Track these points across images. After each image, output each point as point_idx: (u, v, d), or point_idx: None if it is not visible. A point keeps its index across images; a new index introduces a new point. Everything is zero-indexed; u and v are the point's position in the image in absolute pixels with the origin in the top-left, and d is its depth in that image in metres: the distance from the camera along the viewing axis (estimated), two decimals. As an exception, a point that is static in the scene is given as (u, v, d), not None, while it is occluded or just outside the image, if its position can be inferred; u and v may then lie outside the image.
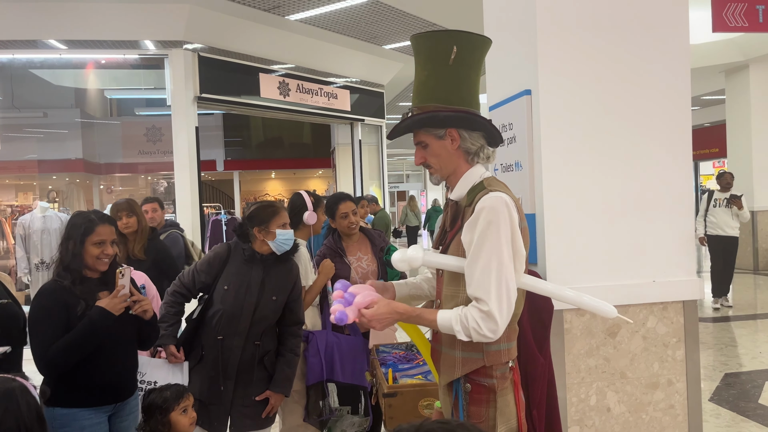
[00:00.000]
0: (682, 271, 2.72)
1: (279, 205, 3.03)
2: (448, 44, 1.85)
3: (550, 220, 2.63)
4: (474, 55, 1.90)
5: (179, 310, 2.96)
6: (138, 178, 15.61)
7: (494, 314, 1.72)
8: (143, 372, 2.82)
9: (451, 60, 1.85)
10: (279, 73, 9.32)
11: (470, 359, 1.84)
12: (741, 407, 4.52)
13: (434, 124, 1.87)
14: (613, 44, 2.67)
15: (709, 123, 16.58)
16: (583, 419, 2.65)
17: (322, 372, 3.17)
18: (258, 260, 2.90)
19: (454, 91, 1.87)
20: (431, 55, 1.89)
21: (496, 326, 1.73)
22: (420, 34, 1.92)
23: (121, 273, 2.41)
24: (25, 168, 14.08)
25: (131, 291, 2.45)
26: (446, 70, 1.87)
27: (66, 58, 8.15)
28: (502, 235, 1.75)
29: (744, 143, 11.41)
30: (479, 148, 1.89)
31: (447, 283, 1.93)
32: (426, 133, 1.90)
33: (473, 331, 1.74)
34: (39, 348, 2.36)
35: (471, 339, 1.76)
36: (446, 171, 1.93)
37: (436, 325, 1.82)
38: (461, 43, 1.86)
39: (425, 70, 1.91)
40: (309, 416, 3.22)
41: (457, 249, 1.86)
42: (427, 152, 1.92)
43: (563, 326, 2.63)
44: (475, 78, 1.93)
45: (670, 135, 2.72)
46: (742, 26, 6.28)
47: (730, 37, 10.38)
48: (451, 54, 1.84)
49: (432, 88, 1.89)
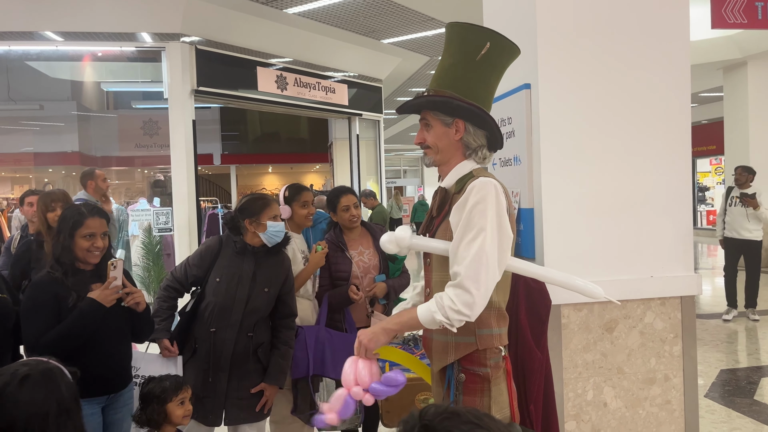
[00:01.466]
0: (680, 267, 2.72)
1: (270, 198, 3.03)
2: (482, 40, 1.89)
3: (548, 214, 2.62)
4: (501, 58, 1.94)
5: (172, 304, 2.95)
6: (134, 172, 15.60)
7: (469, 287, 1.72)
8: (137, 366, 2.81)
9: (480, 55, 1.88)
10: (276, 66, 9.29)
11: (462, 343, 1.86)
12: (736, 403, 4.53)
13: (445, 110, 1.91)
14: (613, 39, 2.66)
15: (706, 120, 16.60)
16: (580, 414, 2.65)
17: (308, 367, 3.16)
18: (249, 252, 2.90)
19: (474, 86, 1.90)
20: (463, 46, 1.92)
21: (471, 299, 1.72)
22: (458, 23, 1.95)
23: (113, 265, 2.40)
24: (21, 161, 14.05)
25: (124, 283, 2.44)
26: (472, 64, 1.90)
27: (62, 50, 8.11)
28: (489, 214, 1.77)
29: (742, 140, 11.41)
30: (479, 147, 1.93)
31: (435, 269, 1.95)
32: (435, 115, 1.93)
33: (448, 309, 1.74)
34: (30, 339, 2.36)
35: (449, 320, 1.75)
36: (441, 157, 1.96)
37: (417, 320, 1.82)
38: (494, 42, 1.90)
39: (452, 58, 1.94)
40: (297, 410, 3.21)
41: (445, 233, 1.89)
42: (429, 134, 1.96)
43: (560, 321, 2.62)
44: (495, 80, 1.97)
45: (669, 130, 2.71)
46: (742, 23, 6.28)
47: (728, 34, 10.38)
48: (482, 50, 1.88)
49: (453, 76, 1.92)
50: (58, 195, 3.63)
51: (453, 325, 1.77)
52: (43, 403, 1.53)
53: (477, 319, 1.80)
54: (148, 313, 2.64)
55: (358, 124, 11.37)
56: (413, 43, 10.34)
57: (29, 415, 1.50)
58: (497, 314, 1.88)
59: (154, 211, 8.17)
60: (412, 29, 9.52)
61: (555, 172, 2.63)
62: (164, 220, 7.98)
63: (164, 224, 7.99)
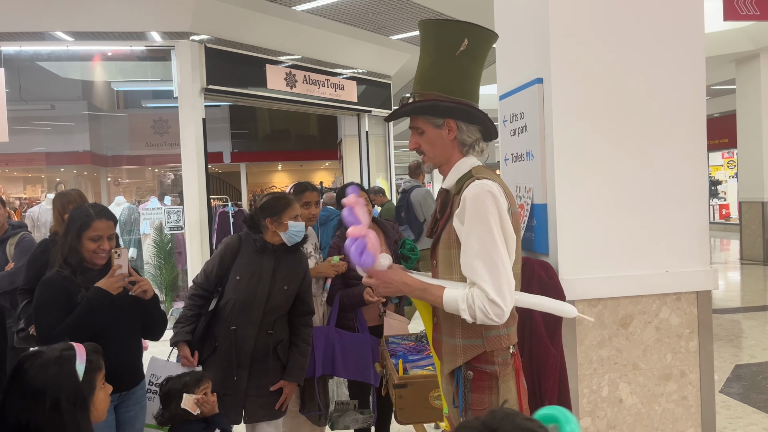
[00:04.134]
0: (695, 262, 2.69)
1: (291, 197, 3.03)
2: (459, 36, 1.86)
3: (561, 209, 2.60)
4: (481, 49, 1.92)
5: (197, 312, 2.95)
6: (145, 171, 15.65)
7: (497, 301, 1.74)
8: (158, 375, 2.83)
9: (458, 51, 1.86)
10: (286, 64, 9.29)
11: (471, 346, 1.86)
12: (752, 399, 4.50)
13: (434, 112, 1.89)
14: (627, 32, 2.63)
15: (718, 113, 16.45)
16: (595, 410, 2.64)
17: (314, 368, 3.16)
18: (269, 250, 2.91)
19: (457, 82, 1.88)
20: (439, 44, 1.90)
21: (501, 312, 1.75)
22: (430, 20, 1.92)
23: (117, 253, 2.41)
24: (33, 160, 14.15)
25: (129, 271, 2.44)
26: (452, 60, 1.87)
27: (73, 50, 8.14)
28: (491, 221, 1.77)
29: (755, 133, 11.29)
30: (474, 141, 1.92)
31: (442, 272, 1.95)
32: (425, 120, 1.91)
33: (479, 311, 1.75)
34: (42, 334, 2.39)
35: (475, 320, 1.78)
36: (439, 159, 1.96)
37: (441, 301, 1.83)
38: (472, 36, 1.87)
39: (430, 57, 1.92)
40: (304, 408, 3.22)
41: (449, 236, 1.89)
42: (422, 139, 1.94)
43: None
44: (479, 71, 1.95)
45: (683, 124, 2.68)
46: (754, 14, 6.21)
47: (740, 26, 10.26)
48: (461, 46, 1.85)
49: (435, 76, 1.89)
50: (73, 195, 3.63)
51: (476, 322, 1.79)
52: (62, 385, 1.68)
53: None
54: (158, 305, 2.65)
55: (367, 121, 11.35)
56: (422, 39, 10.30)
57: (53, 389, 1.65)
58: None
59: (165, 209, 8.20)
60: (421, 25, 9.47)
61: (568, 167, 2.61)
62: (175, 218, 8.02)
63: (175, 223, 8.03)
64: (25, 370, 1.68)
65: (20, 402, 1.64)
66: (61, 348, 1.77)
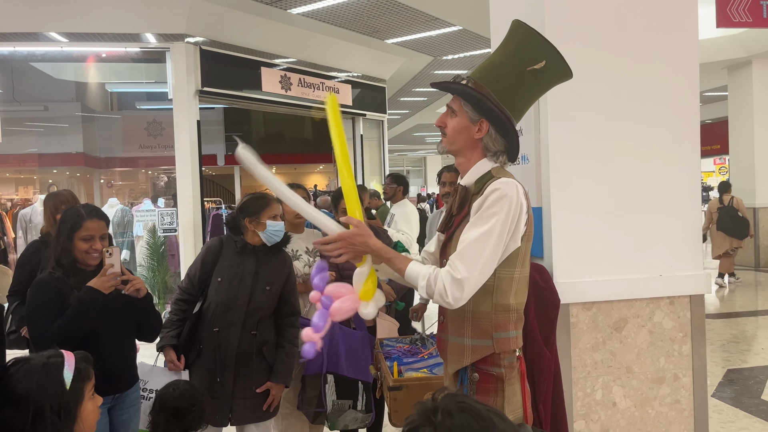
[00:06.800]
0: (689, 266, 2.71)
1: (270, 197, 3.01)
2: (541, 54, 1.85)
3: (556, 213, 2.61)
4: (552, 78, 1.92)
5: (182, 317, 2.94)
6: (139, 173, 15.61)
7: (463, 283, 1.74)
8: (146, 380, 2.81)
9: (531, 67, 1.85)
10: (281, 67, 9.29)
11: (480, 346, 1.85)
12: (743, 403, 4.52)
13: (477, 106, 1.87)
14: (622, 36, 2.64)
15: (711, 119, 16.57)
16: (589, 413, 2.64)
17: (321, 364, 3.16)
18: (250, 251, 2.91)
19: (512, 93, 1.87)
20: (519, 50, 1.88)
21: (460, 294, 1.75)
22: (525, 25, 1.90)
23: (108, 252, 2.38)
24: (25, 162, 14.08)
25: (122, 270, 2.42)
26: (520, 71, 1.86)
27: (67, 51, 8.12)
28: (502, 215, 1.76)
29: (746, 140, 11.38)
30: (497, 151, 1.91)
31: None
32: (464, 107, 1.89)
33: (438, 293, 1.76)
34: (36, 334, 2.37)
35: (431, 299, 1.80)
36: (455, 148, 1.94)
37: (404, 272, 1.84)
38: (551, 62, 1.86)
39: (504, 57, 1.90)
40: (303, 405, 3.21)
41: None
42: (452, 121, 1.93)
43: (569, 320, 2.61)
44: (535, 96, 1.96)
45: (677, 128, 2.70)
46: (747, 21, 6.25)
47: (732, 33, 10.35)
48: (536, 64, 1.85)
49: (498, 76, 1.88)
50: (65, 196, 3.59)
51: (431, 300, 1.82)
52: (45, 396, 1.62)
53: (495, 323, 1.83)
54: (152, 306, 2.63)
55: (362, 124, 11.36)
56: (417, 43, 10.33)
57: (36, 398, 1.60)
58: (516, 318, 1.88)
59: (158, 211, 8.18)
60: (416, 29, 9.51)
61: (563, 170, 2.62)
62: (169, 220, 7.99)
63: (169, 225, 8.00)
64: (9, 376, 1.63)
65: (3, 409, 1.59)
66: (49, 355, 1.71)
